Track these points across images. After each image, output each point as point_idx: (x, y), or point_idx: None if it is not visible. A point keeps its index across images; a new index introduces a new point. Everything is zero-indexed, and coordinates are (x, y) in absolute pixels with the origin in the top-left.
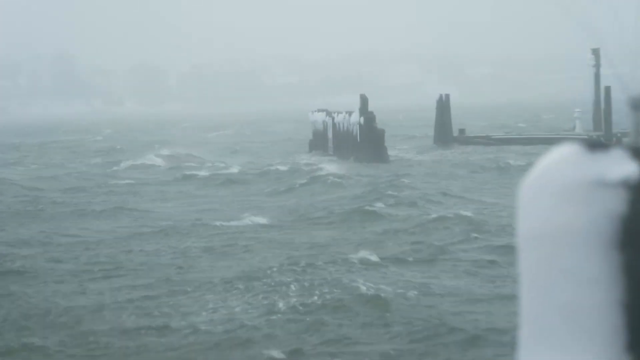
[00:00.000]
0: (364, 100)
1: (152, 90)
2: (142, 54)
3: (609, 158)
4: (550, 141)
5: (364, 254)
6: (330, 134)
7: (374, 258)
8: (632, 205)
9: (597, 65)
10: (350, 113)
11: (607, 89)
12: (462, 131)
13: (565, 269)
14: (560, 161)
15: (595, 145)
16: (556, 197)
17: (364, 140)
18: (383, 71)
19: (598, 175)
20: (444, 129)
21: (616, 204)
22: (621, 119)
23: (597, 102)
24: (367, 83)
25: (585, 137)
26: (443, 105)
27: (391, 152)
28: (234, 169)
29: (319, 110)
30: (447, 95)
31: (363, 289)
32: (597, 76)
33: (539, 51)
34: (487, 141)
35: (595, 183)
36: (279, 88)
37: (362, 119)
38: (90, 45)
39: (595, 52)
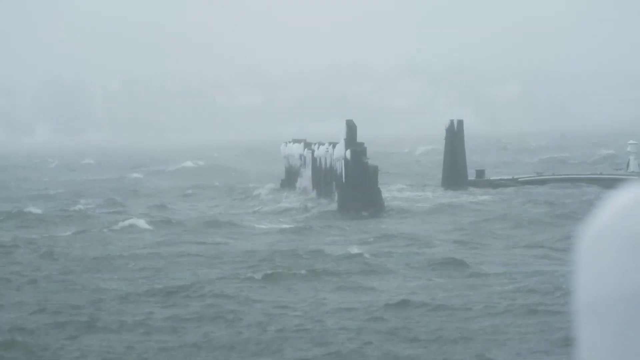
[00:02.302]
0: (351, 128)
1: (71, 115)
2: (57, 67)
3: None
4: (596, 182)
5: None
6: (308, 172)
7: None
8: None
9: None
10: (334, 145)
11: None
12: (480, 173)
13: (638, 346)
14: (632, 206)
15: None
16: (627, 252)
17: (351, 180)
18: (377, 90)
19: None
20: (456, 167)
21: None
22: None
23: None
24: (356, 105)
25: None
26: (454, 135)
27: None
28: None
29: (294, 141)
30: (460, 122)
31: None
32: None
33: (582, 65)
34: (513, 184)
35: None
36: (239, 111)
37: (348, 153)
38: None
39: None
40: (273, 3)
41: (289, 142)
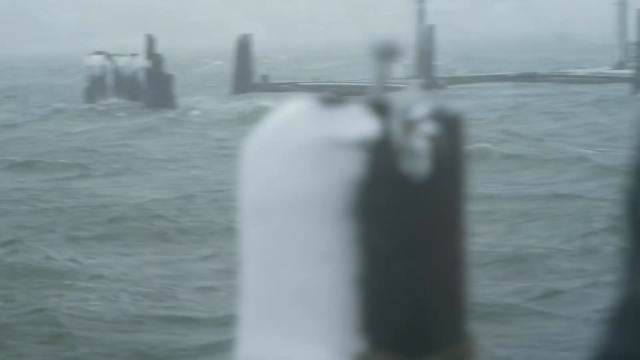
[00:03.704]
0: (150, 42)
1: None
2: None
3: (346, 115)
4: (366, 90)
5: None
6: (109, 81)
7: None
8: (369, 168)
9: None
10: (134, 56)
11: (430, 28)
12: (265, 77)
13: (293, 243)
14: (290, 119)
15: (331, 100)
16: (284, 161)
17: (151, 87)
18: (181, 6)
19: (332, 134)
20: (243, 74)
21: (352, 167)
22: (446, 63)
23: (420, 43)
24: (163, 20)
25: (404, 85)
26: (243, 47)
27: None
28: None
29: (96, 53)
30: (249, 35)
31: None
32: (420, 12)
33: None
34: (293, 88)
35: (329, 143)
36: (58, 26)
37: (148, 63)
38: None
39: None
40: None
41: (92, 54)
